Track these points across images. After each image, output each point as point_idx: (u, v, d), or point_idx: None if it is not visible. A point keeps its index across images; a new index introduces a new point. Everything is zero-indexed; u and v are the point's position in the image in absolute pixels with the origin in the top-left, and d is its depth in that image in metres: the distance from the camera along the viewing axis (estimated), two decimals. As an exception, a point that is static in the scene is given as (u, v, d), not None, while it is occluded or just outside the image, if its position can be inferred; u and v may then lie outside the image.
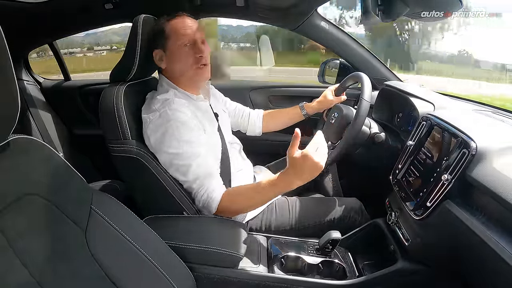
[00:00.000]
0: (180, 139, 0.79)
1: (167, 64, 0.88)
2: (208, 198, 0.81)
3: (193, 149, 0.81)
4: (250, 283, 0.77)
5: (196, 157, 0.81)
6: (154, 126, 0.80)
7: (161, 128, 0.80)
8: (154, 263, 0.60)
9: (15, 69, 0.43)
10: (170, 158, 0.81)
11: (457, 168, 0.63)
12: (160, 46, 0.87)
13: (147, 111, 0.84)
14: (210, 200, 0.81)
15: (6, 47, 0.42)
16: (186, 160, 0.80)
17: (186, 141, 0.80)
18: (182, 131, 0.80)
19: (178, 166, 0.81)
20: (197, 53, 0.86)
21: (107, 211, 0.58)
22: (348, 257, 0.89)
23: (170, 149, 0.80)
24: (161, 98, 0.84)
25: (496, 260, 0.51)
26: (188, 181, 0.82)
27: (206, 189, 0.82)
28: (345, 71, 1.32)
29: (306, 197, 1.05)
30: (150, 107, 0.84)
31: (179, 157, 0.80)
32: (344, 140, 0.93)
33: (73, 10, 1.23)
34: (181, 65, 0.87)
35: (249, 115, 1.17)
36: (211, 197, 0.81)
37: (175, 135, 0.79)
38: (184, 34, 0.85)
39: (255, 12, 1.26)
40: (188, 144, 0.80)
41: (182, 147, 0.80)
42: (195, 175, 0.81)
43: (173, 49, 0.86)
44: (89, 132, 1.58)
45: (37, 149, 0.52)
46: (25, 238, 0.46)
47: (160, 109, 0.81)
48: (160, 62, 0.88)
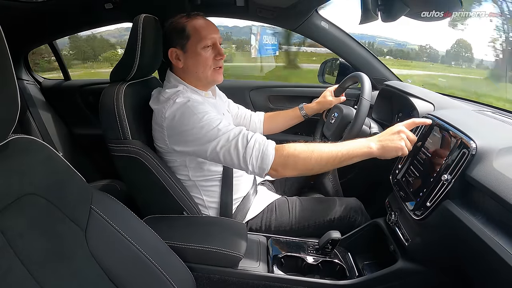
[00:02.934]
0: (200, 111, 0.77)
1: (184, 63, 0.87)
2: (261, 147, 0.73)
3: (214, 116, 0.78)
4: (250, 283, 0.77)
5: (221, 121, 0.78)
6: (170, 112, 0.78)
7: (178, 111, 0.78)
8: (154, 263, 0.60)
9: (15, 68, 0.43)
10: (195, 134, 0.76)
11: (457, 168, 0.63)
12: (178, 44, 0.86)
13: (158, 102, 0.82)
14: (264, 148, 0.73)
15: (6, 47, 0.42)
16: (211, 126, 0.76)
17: (206, 112, 0.78)
18: (199, 107, 0.78)
19: (207, 136, 0.75)
20: (217, 56, 0.86)
21: (107, 211, 0.58)
22: (348, 257, 0.89)
23: (192, 125, 0.76)
24: (170, 91, 0.83)
25: (496, 260, 0.51)
26: (222, 139, 0.75)
27: (254, 138, 0.75)
28: (345, 71, 1.32)
29: (306, 197, 1.05)
30: (159, 99, 0.83)
31: (204, 128, 0.76)
32: (344, 140, 0.93)
33: (73, 10, 1.23)
34: (200, 66, 0.86)
35: (251, 118, 1.18)
36: (264, 145, 0.73)
37: (194, 112, 0.77)
38: (207, 36, 0.84)
39: (255, 12, 1.26)
40: (207, 114, 0.78)
41: (203, 118, 0.77)
42: (227, 133, 0.75)
43: (194, 49, 0.85)
44: (89, 132, 1.58)
45: (37, 149, 0.52)
46: (25, 238, 0.46)
47: (173, 97, 0.80)
48: (176, 60, 0.87)
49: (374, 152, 0.74)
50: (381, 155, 0.74)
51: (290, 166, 0.74)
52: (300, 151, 0.73)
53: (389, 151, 0.73)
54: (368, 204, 1.04)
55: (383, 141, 0.74)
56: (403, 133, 0.73)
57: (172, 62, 0.88)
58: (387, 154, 0.74)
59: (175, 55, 0.87)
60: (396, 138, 0.73)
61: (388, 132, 0.75)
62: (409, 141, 0.74)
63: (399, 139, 0.73)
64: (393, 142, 0.73)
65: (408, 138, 0.74)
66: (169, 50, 0.87)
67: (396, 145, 0.73)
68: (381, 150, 0.74)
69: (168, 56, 0.88)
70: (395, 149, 0.73)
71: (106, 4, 1.18)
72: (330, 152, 0.73)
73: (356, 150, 0.74)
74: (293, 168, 0.74)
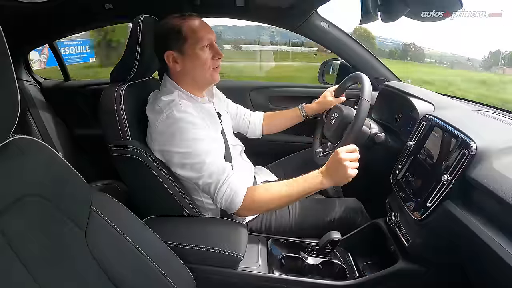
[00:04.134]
0: (189, 138, 0.78)
1: (182, 66, 0.85)
2: (231, 192, 0.78)
3: (204, 146, 0.79)
4: (250, 283, 0.77)
5: (208, 154, 0.79)
6: (162, 128, 0.79)
7: (169, 129, 0.78)
8: (154, 264, 0.60)
9: (15, 69, 0.43)
10: (181, 158, 0.79)
11: (457, 169, 0.63)
12: (175, 47, 0.83)
13: (153, 112, 0.82)
14: (234, 195, 0.78)
15: (6, 47, 0.41)
16: (198, 158, 0.78)
17: (196, 139, 0.78)
18: (191, 130, 0.78)
19: (192, 165, 0.79)
20: (215, 56, 0.86)
21: (107, 211, 0.58)
22: (348, 258, 0.89)
23: (181, 149, 0.78)
24: (165, 100, 0.81)
25: (496, 260, 0.51)
26: (203, 176, 0.79)
27: (229, 183, 0.79)
28: (345, 71, 1.32)
29: (306, 198, 1.04)
30: (154, 107, 0.82)
31: (191, 155, 0.78)
32: (344, 141, 0.93)
33: (73, 10, 1.23)
34: (199, 67, 0.84)
35: (250, 118, 1.17)
36: (235, 190, 0.78)
37: (185, 135, 0.77)
38: (204, 36, 0.83)
39: (255, 12, 1.26)
40: (198, 141, 0.78)
41: (193, 146, 0.78)
42: (210, 170, 0.78)
43: (192, 50, 0.83)
44: (89, 132, 1.58)
45: (37, 150, 0.52)
46: (25, 238, 0.46)
47: (166, 110, 0.79)
48: (173, 63, 0.84)
49: (327, 186, 0.80)
50: (335, 184, 0.80)
51: (253, 210, 0.84)
52: (263, 199, 0.80)
53: (340, 180, 0.78)
54: (368, 204, 1.04)
55: (332, 175, 0.79)
56: (344, 160, 0.76)
57: (169, 65, 0.85)
58: (340, 183, 0.79)
59: (172, 58, 0.84)
60: (340, 168, 0.76)
61: (332, 163, 0.78)
62: (353, 162, 0.77)
63: (343, 167, 0.76)
64: (339, 172, 0.77)
65: (351, 161, 0.76)
66: (165, 53, 0.84)
67: (343, 174, 0.76)
68: (332, 182, 0.79)
69: (165, 59, 0.85)
70: (344, 178, 0.77)
71: (106, 4, 1.18)
72: (288, 195, 0.80)
73: (310, 188, 0.80)
74: (254, 212, 0.88)
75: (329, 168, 0.79)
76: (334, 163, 0.77)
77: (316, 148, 1.10)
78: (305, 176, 0.81)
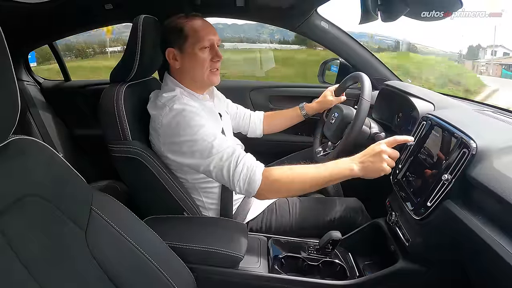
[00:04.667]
0: (195, 124, 0.77)
1: (181, 64, 0.86)
2: (248, 171, 0.74)
3: (209, 130, 0.78)
4: (251, 283, 0.77)
5: (215, 137, 0.77)
6: (167, 121, 0.79)
7: (174, 120, 0.78)
8: (154, 264, 0.60)
9: (15, 69, 0.43)
10: (190, 146, 0.77)
11: (457, 168, 0.63)
12: (175, 45, 0.85)
13: (155, 108, 0.83)
14: (251, 173, 0.74)
15: (6, 47, 0.41)
16: (206, 142, 0.76)
17: (201, 125, 0.77)
18: (195, 118, 0.78)
19: (201, 151, 0.77)
20: (214, 58, 0.86)
21: (107, 211, 0.58)
22: (349, 257, 0.89)
23: (188, 137, 0.77)
24: (167, 95, 0.82)
25: (497, 260, 0.51)
26: (214, 160, 0.76)
27: (244, 162, 0.75)
28: (345, 71, 1.31)
29: (306, 197, 1.05)
30: (156, 104, 0.83)
31: (198, 141, 0.76)
32: (344, 140, 0.93)
33: (73, 10, 1.23)
34: (196, 67, 0.85)
35: (250, 117, 1.17)
36: (251, 168, 0.74)
37: (190, 122, 0.77)
38: (204, 37, 0.84)
39: (255, 12, 1.26)
40: (203, 127, 0.77)
41: (199, 131, 0.77)
42: (220, 153, 0.76)
43: (191, 50, 0.84)
44: (89, 132, 1.58)
45: (37, 150, 0.52)
46: (25, 238, 0.46)
47: (169, 104, 0.80)
48: (173, 61, 0.86)
49: (357, 174, 0.74)
50: (364, 176, 0.75)
51: (274, 191, 0.77)
52: (285, 177, 0.75)
53: (371, 172, 0.73)
54: (369, 204, 1.04)
55: (365, 163, 0.74)
56: (384, 153, 0.72)
57: (169, 62, 0.87)
58: (369, 175, 0.74)
59: (172, 55, 0.86)
60: (377, 160, 0.72)
61: (369, 153, 0.74)
62: (391, 158, 0.74)
63: (380, 160, 0.72)
64: (375, 164, 0.72)
65: (390, 157, 0.73)
66: (167, 50, 0.86)
67: (378, 167, 0.72)
68: (363, 172, 0.74)
69: (166, 56, 0.87)
70: (377, 171, 0.73)
71: (106, 4, 1.18)
72: (313, 177, 0.75)
73: (339, 173, 0.75)
74: (276, 193, 0.79)
75: (364, 157, 0.74)
76: (373, 150, 0.73)
77: (316, 148, 1.10)
78: (336, 160, 0.77)
